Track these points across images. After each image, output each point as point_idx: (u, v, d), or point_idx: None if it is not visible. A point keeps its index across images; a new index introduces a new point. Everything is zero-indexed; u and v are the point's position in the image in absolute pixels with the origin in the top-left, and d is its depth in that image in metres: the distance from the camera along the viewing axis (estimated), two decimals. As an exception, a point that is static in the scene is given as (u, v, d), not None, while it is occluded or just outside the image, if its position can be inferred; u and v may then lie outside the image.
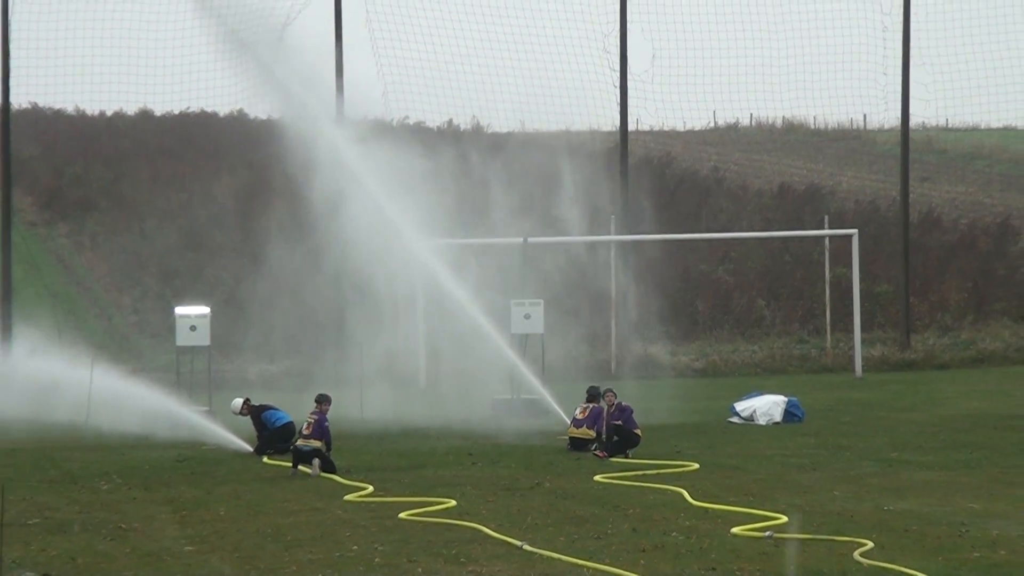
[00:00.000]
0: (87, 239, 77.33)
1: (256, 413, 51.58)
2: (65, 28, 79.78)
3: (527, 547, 34.38)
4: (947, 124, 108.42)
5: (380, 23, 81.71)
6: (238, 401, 54.28)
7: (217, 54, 77.89)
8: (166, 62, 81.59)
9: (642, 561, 32.52)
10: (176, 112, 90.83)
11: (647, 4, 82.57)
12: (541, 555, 33.71)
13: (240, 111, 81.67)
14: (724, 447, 50.74)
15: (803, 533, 35.47)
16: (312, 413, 48.70)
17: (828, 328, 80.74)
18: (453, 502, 40.76)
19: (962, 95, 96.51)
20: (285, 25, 77.12)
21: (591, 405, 51.38)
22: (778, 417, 57.37)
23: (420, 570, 32.36)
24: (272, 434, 49.87)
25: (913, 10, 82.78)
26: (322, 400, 48.90)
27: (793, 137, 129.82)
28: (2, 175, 79.55)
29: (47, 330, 76.62)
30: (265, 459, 49.70)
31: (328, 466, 46.90)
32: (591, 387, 55.19)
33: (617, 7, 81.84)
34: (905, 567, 31.24)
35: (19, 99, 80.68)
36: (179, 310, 63.11)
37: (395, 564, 32.98)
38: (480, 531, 36.71)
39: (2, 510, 34.45)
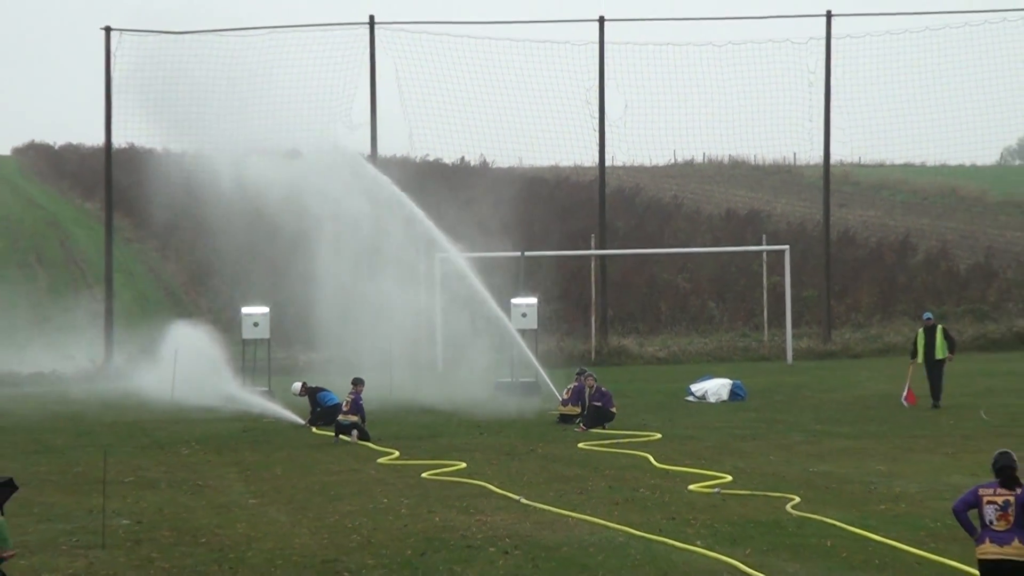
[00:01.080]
0: (172, 252, 77.26)
1: (312, 393, 51.77)
2: (155, 81, 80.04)
3: (523, 500, 34.67)
4: (859, 161, 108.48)
5: (407, 79, 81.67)
6: (297, 384, 54.43)
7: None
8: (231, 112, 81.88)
9: (616, 512, 32.80)
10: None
11: (620, 64, 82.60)
12: (534, 507, 33.98)
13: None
14: (681, 420, 50.85)
15: (745, 490, 35.73)
16: (350, 393, 49.00)
17: (765, 325, 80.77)
18: (464, 464, 40.99)
19: (871, 137, 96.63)
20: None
21: (573, 385, 51.61)
22: (725, 396, 57.43)
23: (437, 519, 32.64)
24: (323, 411, 50.03)
25: (833, 68, 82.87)
26: (357, 383, 49.20)
27: (737, 171, 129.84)
28: (105, 201, 79.57)
29: (139, 326, 76.78)
30: (314, 429, 49.92)
31: (363, 435, 47.16)
32: (580, 369, 55.50)
33: (596, 67, 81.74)
34: (825, 517, 31.50)
35: (119, 140, 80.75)
36: (245, 309, 63.20)
37: (417, 514, 33.26)
38: (486, 487, 36.95)
39: (104, 470, 34.69)
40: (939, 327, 52.44)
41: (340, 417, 48.12)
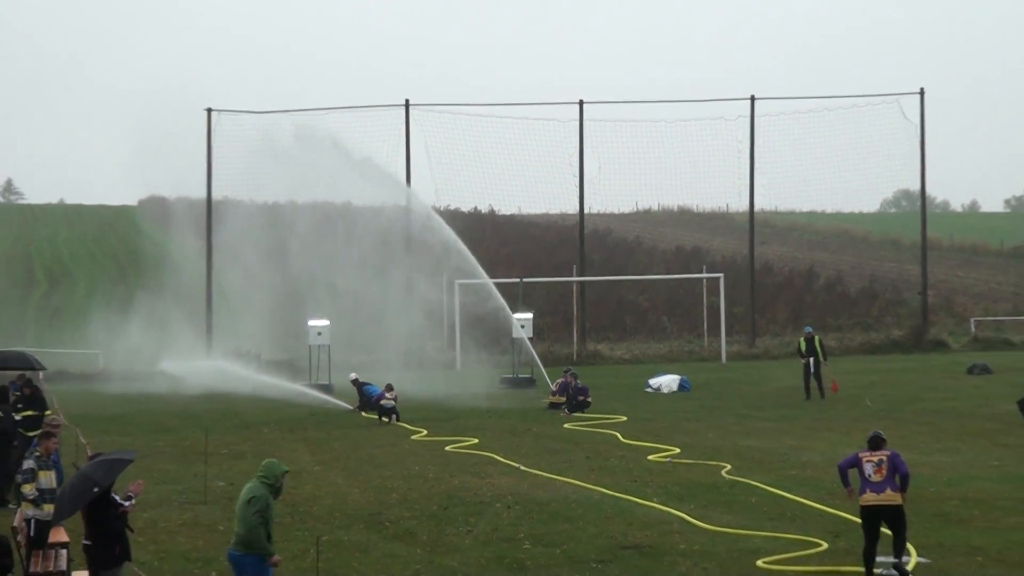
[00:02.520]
0: (256, 279, 77.06)
1: (360, 386, 51.67)
2: (247, 149, 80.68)
3: (522, 467, 34.70)
4: (776, 209, 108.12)
5: (433, 146, 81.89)
6: (353, 374, 54.57)
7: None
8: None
9: (592, 476, 32.93)
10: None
11: (595, 135, 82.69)
12: (531, 472, 33.99)
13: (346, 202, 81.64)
14: (642, 407, 50.77)
15: (689, 459, 35.72)
16: (387, 392, 48.99)
17: (705, 334, 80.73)
18: (477, 440, 40.96)
19: (785, 190, 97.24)
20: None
21: (561, 380, 51.61)
22: (675, 388, 57.37)
23: (456, 482, 32.75)
24: (368, 400, 49.93)
25: (755, 138, 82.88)
26: (390, 388, 49.07)
27: (684, 217, 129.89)
28: (207, 239, 79.74)
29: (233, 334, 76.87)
30: (363, 414, 49.85)
31: (399, 418, 47.17)
32: (566, 368, 55.61)
33: (577, 138, 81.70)
34: (751, 480, 31.50)
35: (217, 194, 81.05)
36: (311, 322, 62.97)
37: (441, 478, 33.37)
38: (493, 458, 36.96)
39: (206, 445, 34.79)
40: (816, 338, 52.34)
41: (383, 402, 48.12)
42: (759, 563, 22.58)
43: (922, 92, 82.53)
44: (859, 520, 22.97)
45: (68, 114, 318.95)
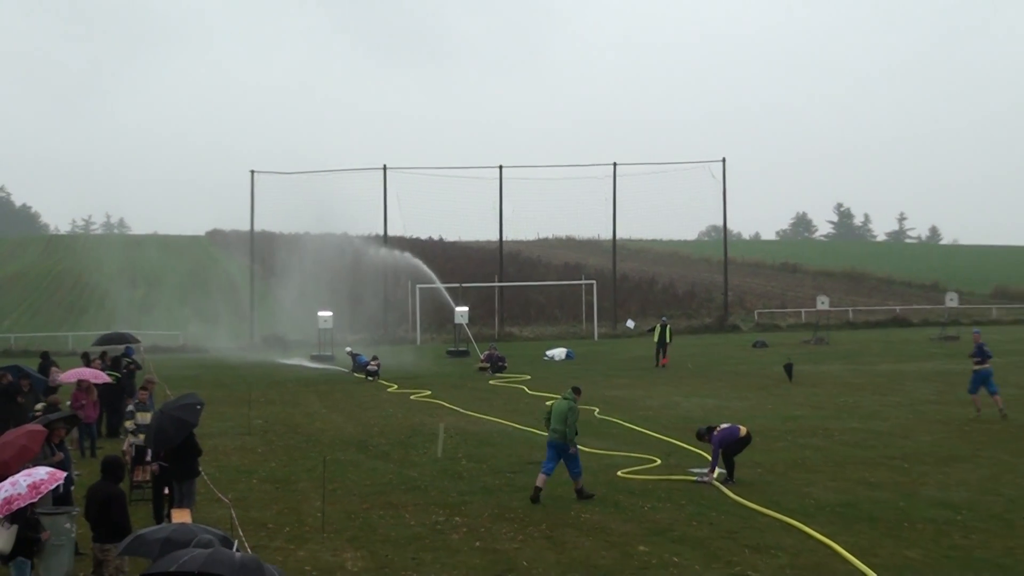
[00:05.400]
0: (283, 285, 76.75)
1: (353, 356, 51.58)
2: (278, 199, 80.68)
3: (461, 410, 34.57)
4: (630, 237, 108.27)
5: (403, 193, 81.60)
6: (348, 348, 54.69)
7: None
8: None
9: (507, 415, 32.82)
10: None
11: (512, 187, 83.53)
12: (467, 413, 33.86)
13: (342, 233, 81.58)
14: (540, 370, 50.71)
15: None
16: (372, 359, 48.81)
17: (584, 321, 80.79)
18: (431, 391, 40.83)
19: (636, 224, 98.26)
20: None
21: (487, 352, 51.47)
22: (563, 357, 57.48)
23: (417, 420, 32.61)
24: (359, 365, 49.70)
25: (617, 191, 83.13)
26: (375, 357, 48.90)
27: (570, 243, 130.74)
28: (251, 259, 79.24)
29: (267, 323, 76.53)
30: (355, 375, 49.64)
31: (379, 378, 46.97)
32: (491, 344, 55.58)
33: (498, 191, 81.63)
34: (613, 418, 31.52)
35: (258, 228, 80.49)
36: (319, 313, 62.74)
37: (407, 417, 33.29)
38: (442, 404, 36.84)
39: (249, 395, 34.48)
40: (667, 326, 52.39)
41: (369, 367, 47.93)
42: (618, 473, 22.68)
43: (724, 160, 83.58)
44: (684, 445, 23.23)
45: (143, 165, 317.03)
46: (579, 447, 21.20)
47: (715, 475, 21.82)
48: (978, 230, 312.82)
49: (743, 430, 22.27)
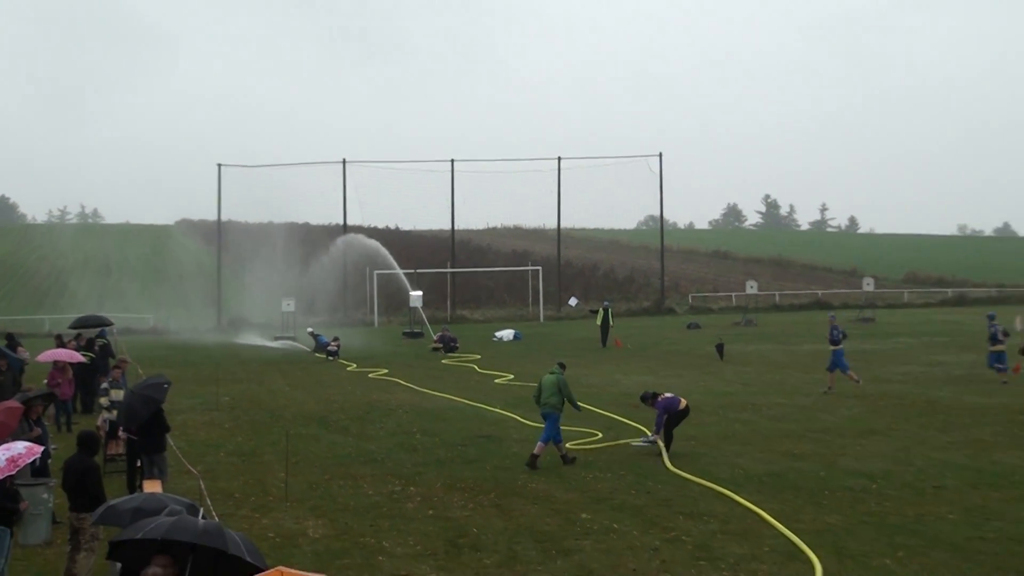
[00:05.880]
0: (249, 272, 76.31)
1: (315, 336, 51.41)
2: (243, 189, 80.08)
3: (415, 387, 34.56)
4: (573, 226, 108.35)
5: (361, 185, 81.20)
6: (310, 328, 54.52)
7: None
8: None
9: (459, 392, 32.82)
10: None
11: (462, 180, 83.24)
12: (421, 390, 33.83)
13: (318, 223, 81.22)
14: (490, 350, 50.73)
15: (517, 382, 35.72)
16: (333, 339, 48.66)
17: (530, 304, 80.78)
18: (387, 370, 40.77)
19: (580, 214, 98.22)
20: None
21: (440, 333, 51.50)
22: (511, 338, 57.49)
23: (374, 396, 32.53)
24: (320, 346, 49.54)
25: (562, 182, 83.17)
26: (336, 338, 48.76)
27: (518, 232, 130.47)
28: (217, 247, 78.66)
29: (233, 307, 75.98)
30: (316, 354, 49.44)
31: (339, 357, 46.82)
32: (444, 326, 55.58)
33: (450, 183, 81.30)
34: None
35: (224, 217, 79.90)
36: (284, 300, 62.50)
37: (365, 394, 33.18)
38: (398, 381, 36.77)
39: (217, 374, 34.26)
40: (609, 309, 52.51)
41: (330, 347, 47.78)
42: (567, 445, 22.66)
43: (660, 155, 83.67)
44: (624, 420, 23.37)
45: (112, 160, 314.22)
46: (526, 420, 21.24)
47: (660, 436, 22.05)
48: (892, 220, 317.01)
49: (683, 402, 22.53)
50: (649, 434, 22.79)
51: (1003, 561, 13.85)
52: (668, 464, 20.28)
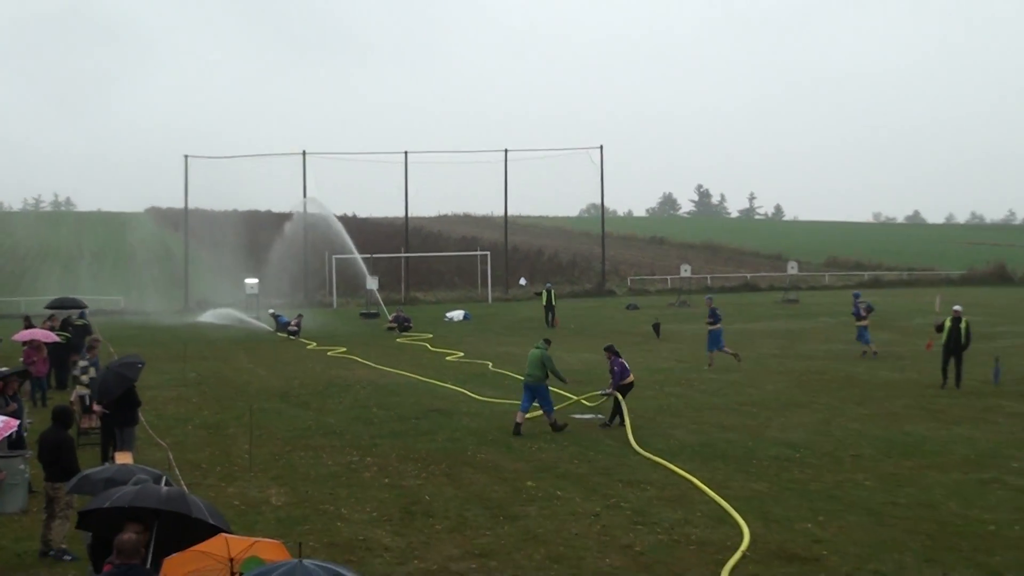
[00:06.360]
0: (214, 257, 75.75)
1: (276, 317, 50.89)
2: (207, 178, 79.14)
3: (372, 364, 34.44)
4: (520, 213, 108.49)
5: (320, 175, 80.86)
6: (271, 309, 54.07)
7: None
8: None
9: (413, 369, 32.78)
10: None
11: (416, 170, 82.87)
12: (377, 367, 33.73)
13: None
14: (441, 329, 50.64)
15: (468, 359, 35.70)
16: (295, 319, 48.45)
17: (479, 287, 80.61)
18: (345, 348, 40.59)
19: (525, 202, 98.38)
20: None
21: (395, 314, 51.40)
22: (461, 318, 57.31)
23: (333, 373, 32.47)
24: (281, 326, 49.16)
25: (508, 173, 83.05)
26: (300, 315, 48.55)
27: (467, 220, 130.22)
28: (184, 233, 77.90)
29: (199, 289, 75.28)
30: (278, 334, 49.09)
31: (299, 336, 46.56)
32: (398, 307, 55.42)
33: (403, 174, 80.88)
34: (504, 371, 31.63)
35: (192, 204, 78.91)
36: (247, 280, 62.07)
37: (324, 370, 33.06)
38: (355, 359, 36.67)
39: (185, 352, 33.99)
40: (552, 291, 52.48)
41: (290, 327, 47.52)
42: (526, 416, 22.78)
43: (601, 147, 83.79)
44: (567, 395, 23.54)
45: (88, 149, 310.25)
46: (476, 395, 21.27)
47: (613, 390, 22.46)
48: (815, 208, 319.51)
49: (632, 377, 22.80)
50: (607, 389, 22.97)
51: (914, 524, 14.09)
52: (633, 442, 20.09)
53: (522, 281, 77.37)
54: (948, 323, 27.42)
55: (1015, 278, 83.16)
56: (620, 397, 21.98)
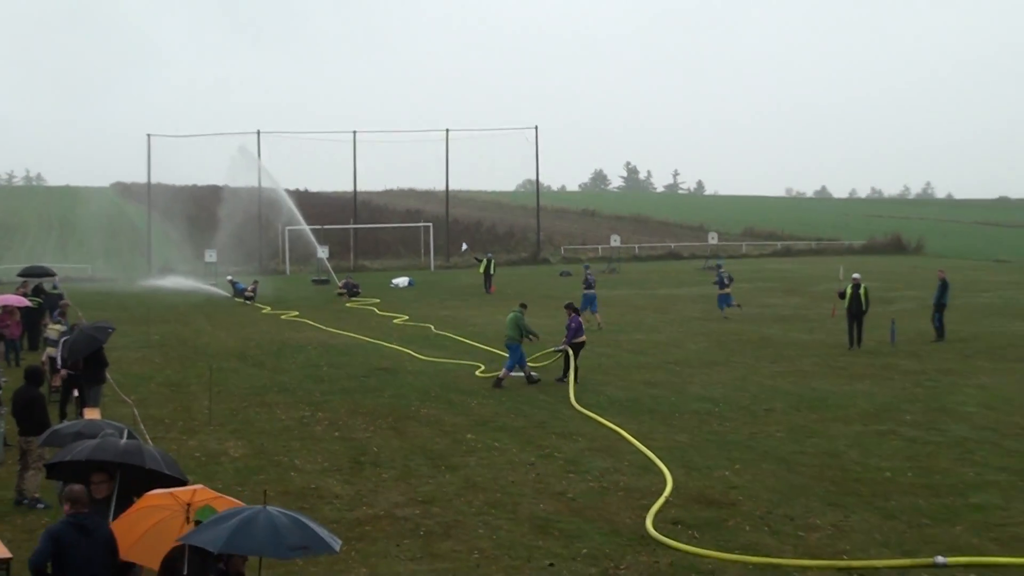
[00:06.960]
0: (176, 228, 74.62)
1: (233, 284, 50.24)
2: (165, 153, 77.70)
3: (324, 327, 34.11)
4: (461, 188, 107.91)
5: (274, 152, 79.96)
6: (229, 277, 53.43)
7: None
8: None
9: (361, 331, 32.54)
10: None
11: (365, 149, 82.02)
12: (327, 329, 33.39)
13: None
14: (387, 295, 50.20)
15: (415, 323, 35.57)
16: (251, 284, 47.95)
17: (422, 255, 79.99)
18: (298, 312, 40.19)
19: (465, 178, 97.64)
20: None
21: (345, 281, 50.91)
22: (406, 284, 56.92)
23: (287, 335, 32.14)
24: (238, 291, 48.52)
25: (450, 151, 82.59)
26: (256, 281, 48.03)
27: (411, 194, 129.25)
28: (147, 207, 76.47)
29: (162, 258, 74.24)
30: (235, 299, 48.48)
31: (255, 302, 46.03)
32: (348, 275, 54.85)
33: (352, 152, 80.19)
34: (450, 333, 31.53)
35: (155, 179, 77.61)
36: (206, 250, 61.37)
37: (279, 333, 32.72)
38: (307, 322, 36.32)
39: (148, 317, 33.44)
40: (492, 260, 52.22)
41: (247, 293, 47.01)
42: (476, 374, 22.87)
43: (536, 127, 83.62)
44: (503, 354, 23.52)
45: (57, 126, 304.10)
46: (420, 355, 21.17)
47: (567, 346, 22.32)
48: (733, 183, 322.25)
49: (584, 336, 22.88)
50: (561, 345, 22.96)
51: (820, 472, 14.35)
52: (573, 398, 20.07)
53: (464, 246, 77.01)
54: (849, 290, 27.89)
55: (909, 248, 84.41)
56: (571, 353, 21.97)
